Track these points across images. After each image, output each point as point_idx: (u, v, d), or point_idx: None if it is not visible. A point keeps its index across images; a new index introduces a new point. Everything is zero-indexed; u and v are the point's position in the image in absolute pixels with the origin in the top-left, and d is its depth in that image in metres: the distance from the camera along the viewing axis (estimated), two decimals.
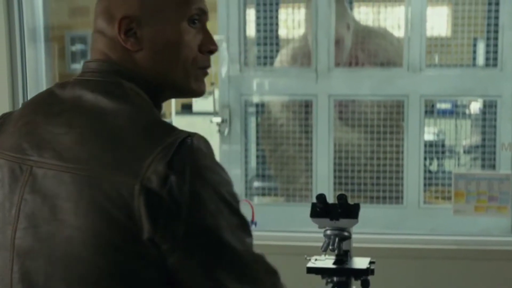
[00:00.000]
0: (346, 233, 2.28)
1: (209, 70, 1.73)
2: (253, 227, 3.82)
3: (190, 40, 1.64)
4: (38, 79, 5.58)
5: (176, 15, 1.63)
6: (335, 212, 2.26)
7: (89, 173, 1.49)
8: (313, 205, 2.28)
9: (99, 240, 1.47)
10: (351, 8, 4.96)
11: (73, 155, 1.52)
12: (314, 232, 2.56)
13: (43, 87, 5.61)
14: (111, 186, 1.46)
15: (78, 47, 8.47)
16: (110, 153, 1.49)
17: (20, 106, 3.23)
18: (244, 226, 1.56)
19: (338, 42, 4.73)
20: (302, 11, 4.97)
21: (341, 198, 2.26)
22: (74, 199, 1.49)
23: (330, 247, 2.27)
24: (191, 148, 1.48)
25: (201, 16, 1.67)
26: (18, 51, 3.36)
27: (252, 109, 4.99)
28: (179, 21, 1.63)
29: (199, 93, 1.70)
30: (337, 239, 2.27)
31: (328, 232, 2.28)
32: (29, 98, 3.33)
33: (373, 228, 3.79)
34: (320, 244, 2.30)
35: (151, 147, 1.47)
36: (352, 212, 2.26)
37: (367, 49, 4.81)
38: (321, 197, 2.26)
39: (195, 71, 1.67)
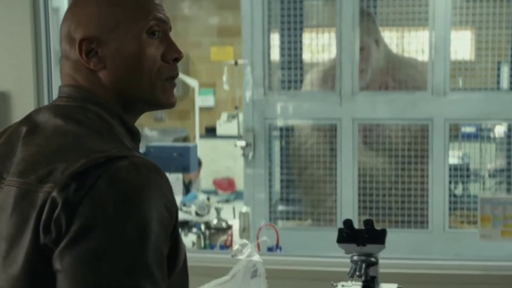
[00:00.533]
0: (373, 259, 2.27)
1: (177, 80, 1.72)
2: (277, 252, 3.83)
3: (152, 51, 1.65)
4: None
5: (133, 28, 1.64)
6: (362, 237, 2.24)
7: (26, 186, 1.54)
8: (340, 230, 2.27)
9: (21, 246, 1.51)
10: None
11: (19, 170, 1.58)
12: (340, 257, 2.55)
13: None
14: (38, 196, 1.50)
15: None
16: (47, 168, 1.52)
17: None
18: (133, 266, 1.47)
19: (363, 50, 4.73)
20: (326, 35, 4.98)
21: (368, 223, 2.24)
22: (9, 211, 1.55)
23: (357, 273, 2.25)
24: (112, 167, 1.49)
25: (161, 26, 1.68)
26: (45, 75, 3.38)
27: (276, 133, 5.00)
28: (137, 34, 1.64)
29: (168, 104, 1.71)
30: (364, 265, 2.25)
31: (355, 257, 2.27)
32: None
33: (398, 252, 3.77)
34: (347, 269, 2.29)
35: (77, 161, 1.49)
36: (379, 237, 2.24)
37: (397, 78, 4.81)
38: (348, 223, 2.25)
39: (161, 82, 1.67)
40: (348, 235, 2.26)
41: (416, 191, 4.75)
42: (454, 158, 4.87)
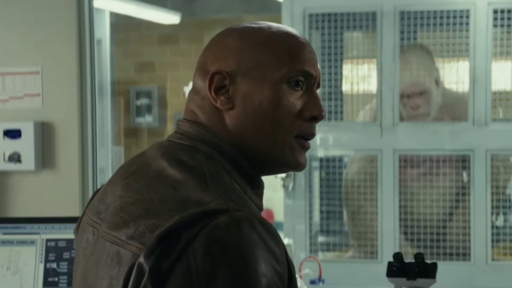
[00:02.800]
0: None
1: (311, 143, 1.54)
2: (320, 285, 3.81)
3: (288, 103, 1.49)
4: (104, 133, 5.66)
5: (274, 74, 1.49)
6: (412, 271, 2.23)
7: (117, 242, 1.40)
8: (390, 264, 2.26)
9: None
10: None
11: (115, 222, 1.44)
12: None
13: (109, 140, 5.69)
14: (124, 254, 1.36)
15: (143, 101, 8.61)
16: (138, 223, 1.37)
17: (89, 160, 3.28)
18: None
19: (423, 94, 4.72)
20: (366, 66, 4.98)
21: (419, 257, 2.23)
22: (101, 267, 1.43)
23: None
24: (209, 225, 1.29)
25: (308, 80, 1.53)
26: (89, 106, 3.41)
27: (316, 164, 4.99)
28: (277, 81, 1.48)
29: (295, 165, 1.52)
30: None
31: None
32: (98, 151, 3.39)
33: (440, 285, 3.73)
34: None
35: (171, 218, 1.32)
36: (429, 271, 2.23)
37: (454, 115, 4.79)
38: (398, 256, 2.24)
39: (290, 139, 1.50)
40: (398, 268, 2.25)
41: (458, 223, 4.71)
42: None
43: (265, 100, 1.47)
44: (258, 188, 1.52)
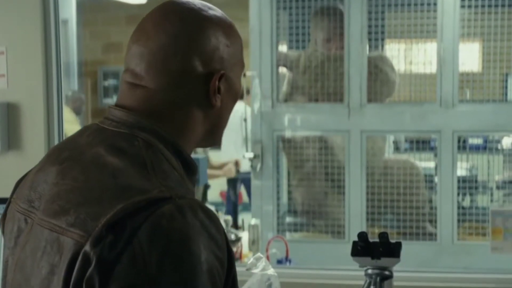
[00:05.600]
0: (387, 272, 2.26)
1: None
2: (287, 264, 3.81)
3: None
4: None
5: (240, 70, 1.59)
6: (377, 250, 2.24)
7: (56, 229, 1.38)
8: (354, 243, 2.27)
9: None
10: (383, 45, 4.97)
11: (53, 210, 1.41)
12: (354, 270, 2.54)
13: None
14: (65, 241, 1.34)
15: (110, 82, 8.58)
16: (78, 210, 1.35)
17: (55, 141, 3.26)
18: None
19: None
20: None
21: (383, 236, 2.24)
22: (39, 256, 1.41)
23: (372, 287, 2.25)
24: (154, 213, 1.29)
25: None
26: (55, 86, 3.38)
27: (284, 145, 4.99)
28: (240, 75, 1.60)
29: (220, 142, 1.65)
30: (378, 279, 2.25)
31: (370, 271, 2.26)
32: (64, 134, 3.36)
33: (407, 265, 3.75)
34: (361, 282, 2.28)
35: (114, 206, 1.31)
36: (393, 250, 2.24)
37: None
38: (362, 236, 2.25)
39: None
40: (362, 248, 2.25)
41: (424, 203, 4.74)
42: (462, 170, 4.87)
43: (237, 94, 1.59)
44: (193, 175, 1.54)
